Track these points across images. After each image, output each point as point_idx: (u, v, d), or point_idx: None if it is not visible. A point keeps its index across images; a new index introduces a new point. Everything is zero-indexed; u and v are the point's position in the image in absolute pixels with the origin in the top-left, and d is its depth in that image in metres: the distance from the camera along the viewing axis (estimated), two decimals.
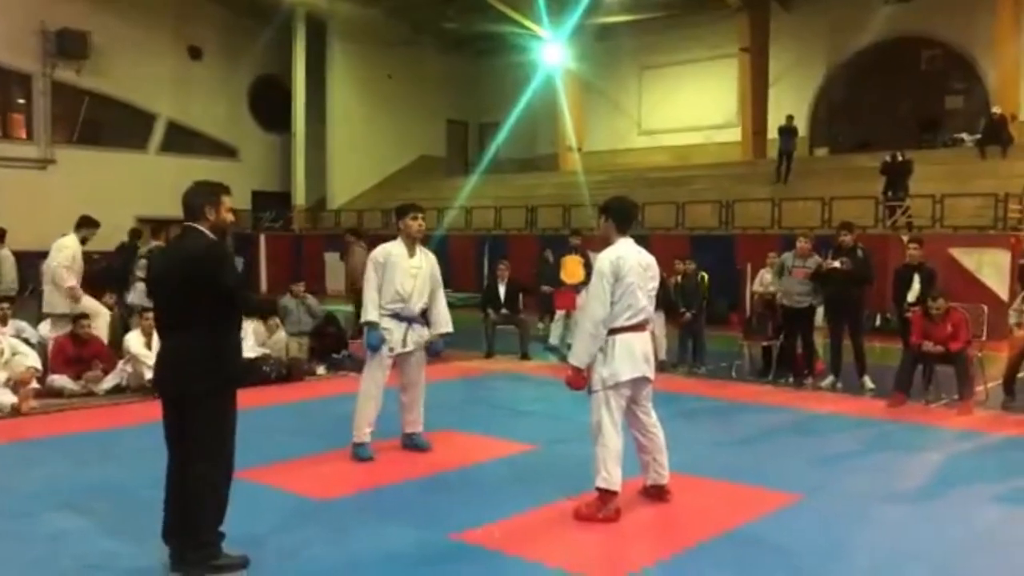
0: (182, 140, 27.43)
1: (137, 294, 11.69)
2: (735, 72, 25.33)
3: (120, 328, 10.19)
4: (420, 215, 6.54)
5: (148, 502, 4.57)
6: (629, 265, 5.13)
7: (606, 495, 5.10)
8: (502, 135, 28.09)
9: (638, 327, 5.18)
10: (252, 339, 10.16)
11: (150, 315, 9.37)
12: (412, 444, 6.81)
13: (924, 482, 6.26)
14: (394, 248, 6.49)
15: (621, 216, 5.32)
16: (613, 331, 5.10)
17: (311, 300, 11.54)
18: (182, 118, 27.55)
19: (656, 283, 5.39)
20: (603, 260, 5.17)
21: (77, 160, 24.66)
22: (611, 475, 5.06)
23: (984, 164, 18.96)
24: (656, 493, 5.49)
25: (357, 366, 10.85)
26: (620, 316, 5.10)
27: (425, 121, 31.04)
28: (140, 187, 24.64)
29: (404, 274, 6.43)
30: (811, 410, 8.76)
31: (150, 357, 8.94)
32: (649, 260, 5.31)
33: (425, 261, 6.60)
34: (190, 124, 27.77)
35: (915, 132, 23.48)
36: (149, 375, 8.82)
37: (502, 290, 12.53)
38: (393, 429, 7.35)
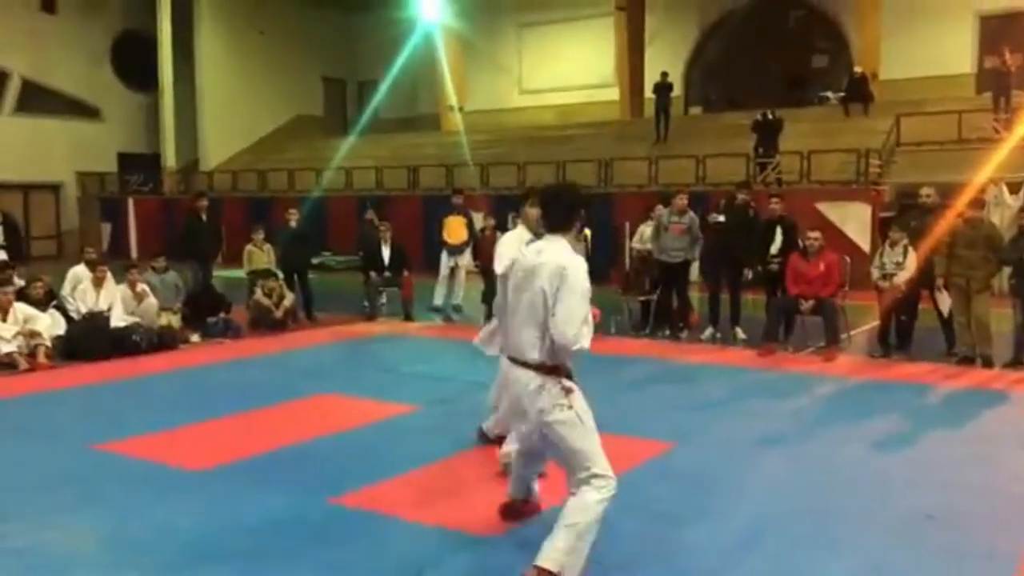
0: (38, 100, 25.65)
1: None
2: (612, 31, 25.53)
3: None
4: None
5: None
6: None
7: None
8: (381, 94, 27.52)
9: None
10: (120, 307, 9.74)
11: (9, 289, 8.85)
12: None
13: (791, 426, 6.55)
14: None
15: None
16: None
17: (171, 275, 10.81)
18: (37, 76, 25.80)
19: None
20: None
21: None
22: None
23: (848, 121, 19.78)
24: None
25: (234, 332, 10.61)
26: None
27: (301, 79, 30.02)
28: None
29: None
30: (686, 361, 9.03)
31: (7, 330, 8.47)
32: None
33: None
34: (47, 83, 26.02)
35: (784, 90, 24.25)
36: (5, 349, 8.36)
37: (386, 252, 12.06)
38: (274, 396, 7.24)
